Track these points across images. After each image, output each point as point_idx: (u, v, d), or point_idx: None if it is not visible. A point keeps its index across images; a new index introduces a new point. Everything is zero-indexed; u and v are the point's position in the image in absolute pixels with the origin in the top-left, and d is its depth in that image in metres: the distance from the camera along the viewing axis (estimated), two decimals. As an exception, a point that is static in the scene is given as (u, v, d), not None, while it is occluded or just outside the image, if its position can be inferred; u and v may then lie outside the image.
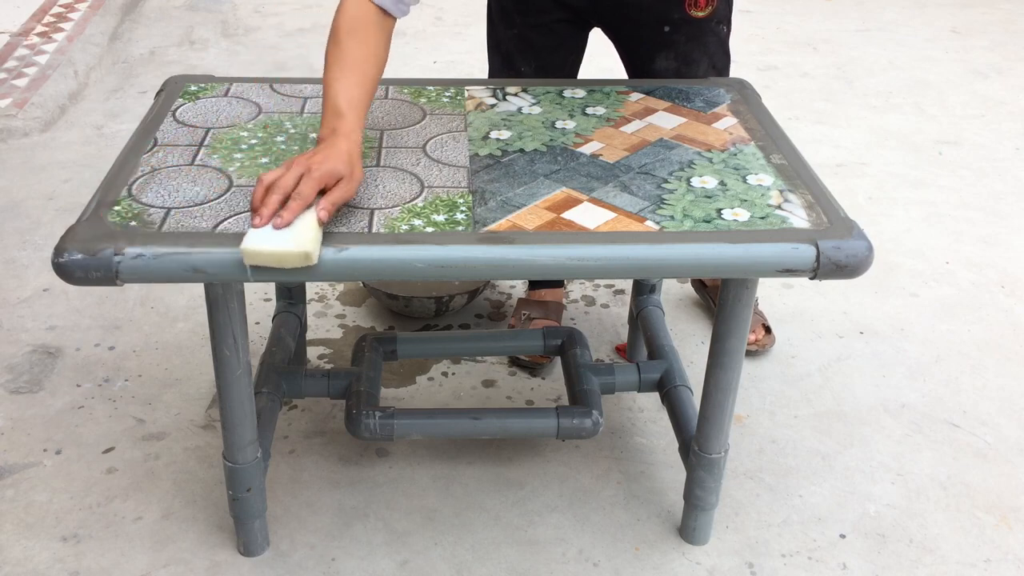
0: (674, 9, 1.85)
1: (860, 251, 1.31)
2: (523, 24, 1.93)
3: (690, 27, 1.86)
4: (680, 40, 1.87)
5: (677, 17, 1.85)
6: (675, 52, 1.88)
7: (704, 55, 1.90)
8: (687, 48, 1.88)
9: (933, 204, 2.88)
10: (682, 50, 1.88)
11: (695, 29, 1.87)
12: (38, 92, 3.31)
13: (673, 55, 1.89)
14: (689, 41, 1.88)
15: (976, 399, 2.08)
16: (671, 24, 1.86)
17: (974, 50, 4.12)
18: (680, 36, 1.87)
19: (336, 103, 1.41)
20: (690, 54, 1.89)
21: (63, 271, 1.24)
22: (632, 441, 1.94)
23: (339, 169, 1.33)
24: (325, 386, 1.76)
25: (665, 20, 1.86)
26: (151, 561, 1.64)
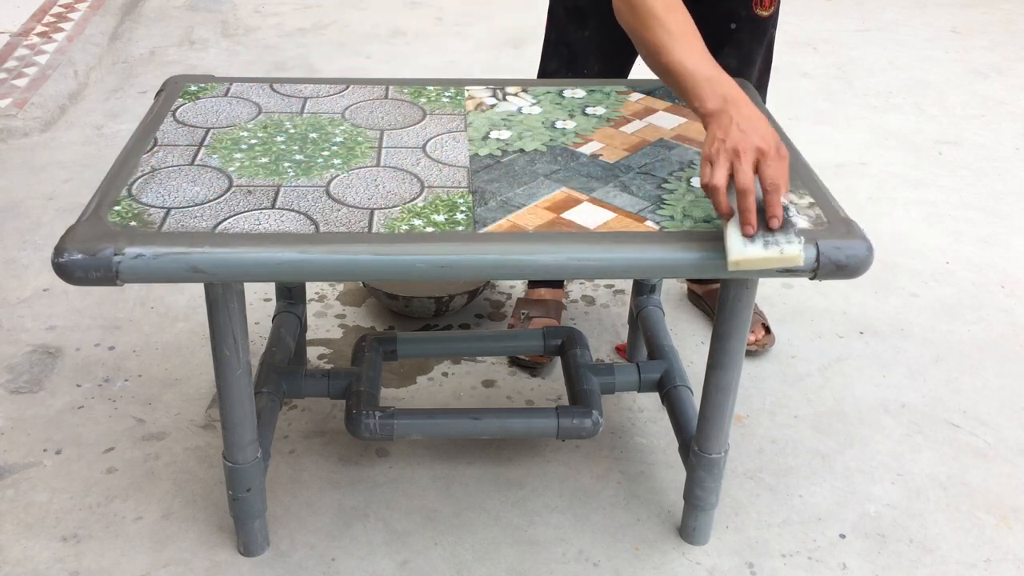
0: (742, 7, 1.88)
1: (860, 251, 1.31)
2: (596, 26, 1.94)
3: (754, 25, 1.90)
4: (745, 38, 1.91)
5: (744, 15, 1.88)
6: (738, 50, 1.92)
7: (759, 55, 1.95)
8: (750, 47, 1.92)
9: (933, 204, 2.88)
10: (745, 49, 1.92)
11: (758, 28, 1.91)
12: (38, 92, 3.31)
13: (736, 53, 1.91)
14: (752, 40, 1.92)
15: (976, 399, 2.08)
16: (738, 21, 1.89)
17: (974, 50, 4.12)
18: (745, 34, 1.90)
19: (703, 72, 1.31)
20: (751, 53, 1.93)
21: (63, 271, 1.24)
22: (632, 441, 1.94)
23: (772, 135, 1.25)
24: (325, 386, 1.76)
25: (732, 17, 1.89)
26: (151, 561, 1.64)
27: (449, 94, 1.75)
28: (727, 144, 1.24)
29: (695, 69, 1.32)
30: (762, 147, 1.23)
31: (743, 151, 1.22)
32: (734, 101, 1.29)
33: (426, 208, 1.38)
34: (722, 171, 1.23)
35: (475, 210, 1.38)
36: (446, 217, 1.36)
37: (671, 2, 1.40)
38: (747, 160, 1.22)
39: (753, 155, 1.23)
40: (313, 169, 1.47)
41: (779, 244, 1.21)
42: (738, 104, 1.29)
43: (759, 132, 1.25)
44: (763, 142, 1.24)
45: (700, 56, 1.35)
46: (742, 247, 1.21)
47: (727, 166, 1.23)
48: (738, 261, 1.21)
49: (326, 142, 1.56)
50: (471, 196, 1.42)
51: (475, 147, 1.56)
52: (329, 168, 1.48)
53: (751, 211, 1.22)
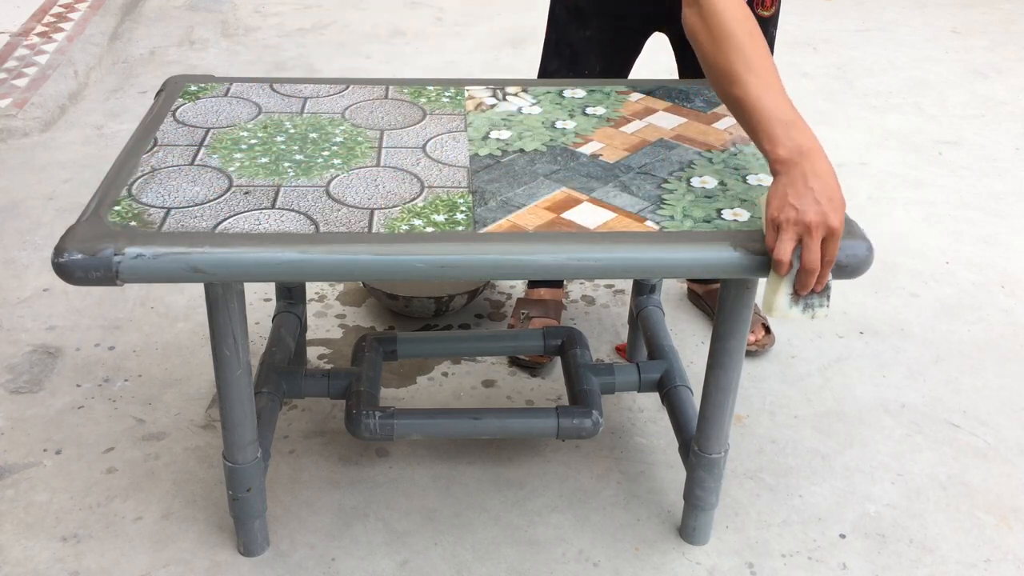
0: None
1: (860, 251, 1.31)
2: (598, 26, 1.94)
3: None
4: None
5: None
6: None
7: None
8: None
9: (933, 204, 2.88)
10: None
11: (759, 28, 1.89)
12: (38, 92, 3.31)
13: None
14: None
15: (976, 399, 2.08)
16: None
17: (974, 50, 4.12)
18: None
19: (782, 116, 1.26)
20: None
21: (63, 271, 1.24)
22: (632, 441, 1.94)
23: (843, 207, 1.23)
24: (325, 386, 1.76)
25: None
26: (151, 561, 1.64)
27: (449, 94, 1.75)
28: (801, 216, 1.22)
29: (772, 110, 1.27)
30: (834, 227, 1.22)
31: (815, 228, 1.22)
32: (809, 154, 1.24)
33: (426, 208, 1.38)
34: (790, 245, 1.24)
35: (475, 210, 1.38)
36: (446, 217, 1.36)
37: (753, 29, 1.32)
38: (818, 238, 1.22)
39: (824, 232, 1.23)
40: (313, 169, 1.48)
41: (814, 308, 1.31)
42: (813, 159, 1.24)
43: (833, 204, 1.22)
44: (837, 220, 1.22)
45: (778, 95, 1.29)
46: (787, 306, 1.31)
47: (796, 239, 1.24)
48: (780, 316, 1.31)
49: (326, 142, 1.56)
50: (471, 196, 1.42)
51: (475, 147, 1.56)
52: (329, 168, 1.48)
53: (811, 284, 1.27)
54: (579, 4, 1.95)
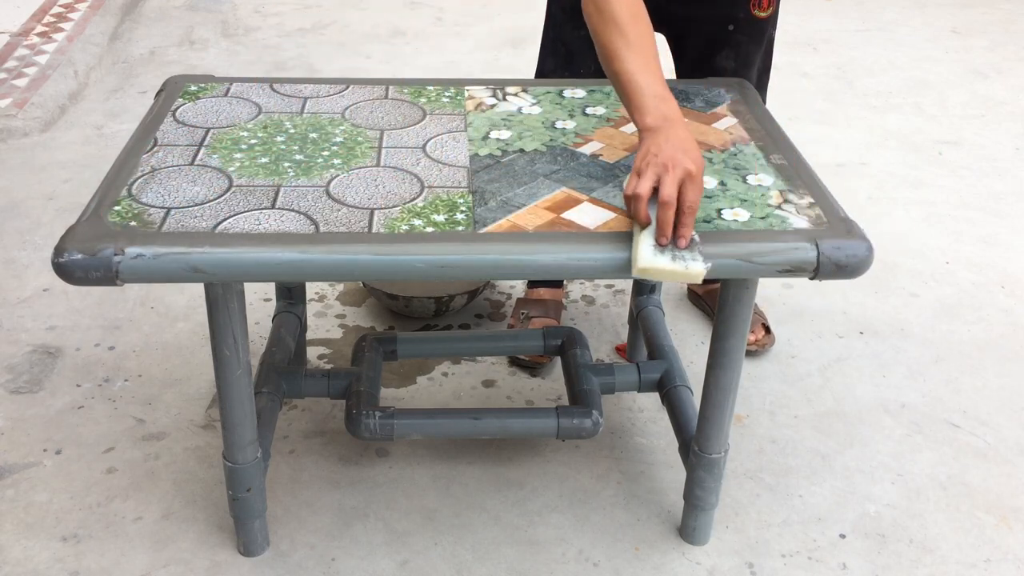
0: (740, 8, 1.88)
1: (860, 251, 1.31)
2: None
3: (752, 27, 1.91)
4: (742, 40, 1.91)
5: (742, 16, 1.89)
6: (736, 51, 1.92)
7: (758, 56, 1.95)
8: (748, 48, 1.93)
9: (933, 204, 2.88)
10: (743, 50, 1.92)
11: (756, 29, 1.91)
12: (38, 92, 3.31)
13: (733, 54, 1.92)
14: (750, 41, 1.92)
15: (976, 399, 2.08)
16: (736, 23, 1.90)
17: (974, 50, 4.12)
18: (743, 36, 1.91)
19: (653, 90, 1.35)
20: (749, 55, 1.93)
21: (63, 271, 1.24)
22: (632, 441, 1.94)
23: (701, 161, 1.29)
24: (325, 386, 1.76)
25: (731, 19, 1.90)
26: (151, 561, 1.64)
27: (449, 94, 1.75)
28: (659, 159, 1.28)
29: (645, 84, 1.36)
30: (691, 169, 1.27)
31: (673, 167, 1.26)
32: (673, 122, 1.33)
33: (426, 208, 1.38)
34: (648, 183, 1.27)
35: (475, 210, 1.38)
36: (446, 217, 1.36)
37: (637, 12, 1.42)
38: (675, 176, 1.26)
39: (681, 173, 1.26)
40: (313, 169, 1.48)
41: (686, 260, 1.26)
42: (675, 126, 1.32)
43: (691, 154, 1.28)
44: (693, 164, 1.27)
45: (652, 73, 1.38)
46: (651, 255, 1.26)
47: (654, 179, 1.27)
48: (646, 268, 1.26)
49: (326, 142, 1.56)
50: (471, 196, 1.42)
51: (475, 147, 1.56)
52: (329, 168, 1.48)
53: (670, 224, 1.26)
54: (575, 4, 1.95)
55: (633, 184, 1.29)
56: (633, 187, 1.28)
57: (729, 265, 1.30)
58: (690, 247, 1.28)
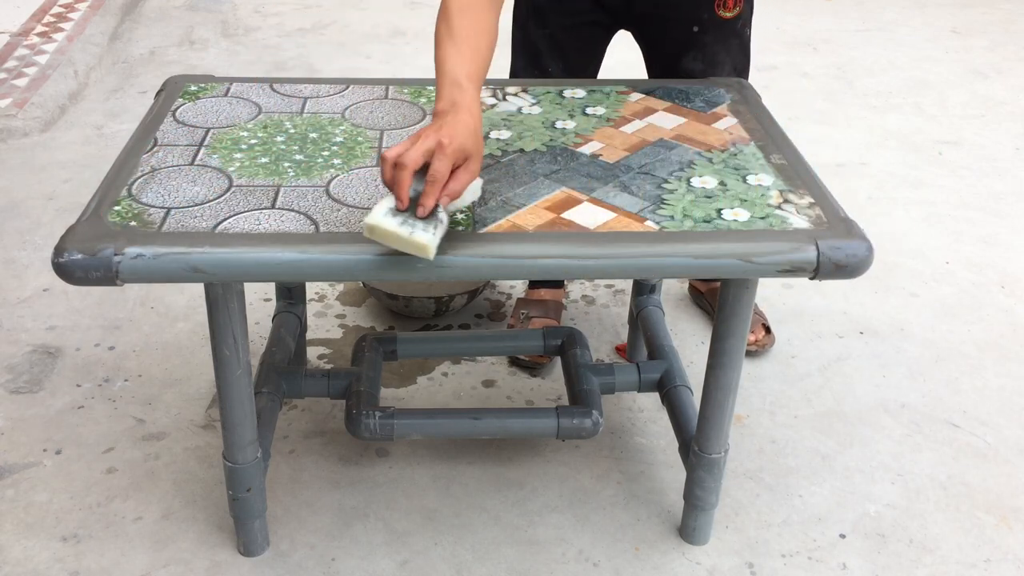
0: (704, 9, 1.87)
1: (860, 251, 1.31)
2: (556, 24, 1.95)
3: (718, 28, 1.89)
4: (708, 41, 1.90)
5: (706, 17, 1.88)
6: (703, 53, 1.91)
7: (728, 56, 1.93)
8: (714, 49, 1.91)
9: (933, 204, 2.88)
10: (709, 51, 1.91)
11: (722, 30, 1.90)
12: (38, 92, 3.31)
13: (700, 56, 1.91)
14: (716, 42, 1.90)
15: (976, 399, 2.08)
16: (700, 24, 1.88)
17: (974, 50, 4.12)
18: (708, 37, 1.89)
19: (455, 76, 1.34)
20: (716, 55, 1.92)
21: (63, 271, 1.24)
22: (632, 441, 1.94)
23: (468, 146, 1.26)
24: (325, 386, 1.76)
25: (695, 20, 1.88)
26: (151, 561, 1.64)
27: (449, 94, 1.74)
28: (424, 132, 1.26)
29: (448, 71, 1.35)
30: (443, 141, 1.23)
31: (424, 136, 1.24)
32: (459, 108, 1.30)
33: (426, 208, 1.38)
34: (399, 148, 1.24)
35: (475, 210, 1.38)
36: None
37: (465, 4, 1.41)
38: (423, 144, 1.23)
39: (431, 143, 1.23)
40: (313, 169, 1.48)
41: (414, 228, 1.22)
42: (460, 112, 1.29)
43: (449, 131, 1.25)
44: (447, 138, 1.24)
45: (462, 63, 1.36)
46: (381, 216, 1.22)
47: (406, 146, 1.25)
48: (372, 227, 1.21)
49: (326, 142, 1.56)
50: (471, 196, 1.42)
51: (475, 147, 1.56)
52: (329, 168, 1.48)
53: (402, 186, 1.22)
54: (537, 3, 1.96)
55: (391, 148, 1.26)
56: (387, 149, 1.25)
57: (729, 265, 1.30)
58: (429, 219, 1.23)
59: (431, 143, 1.24)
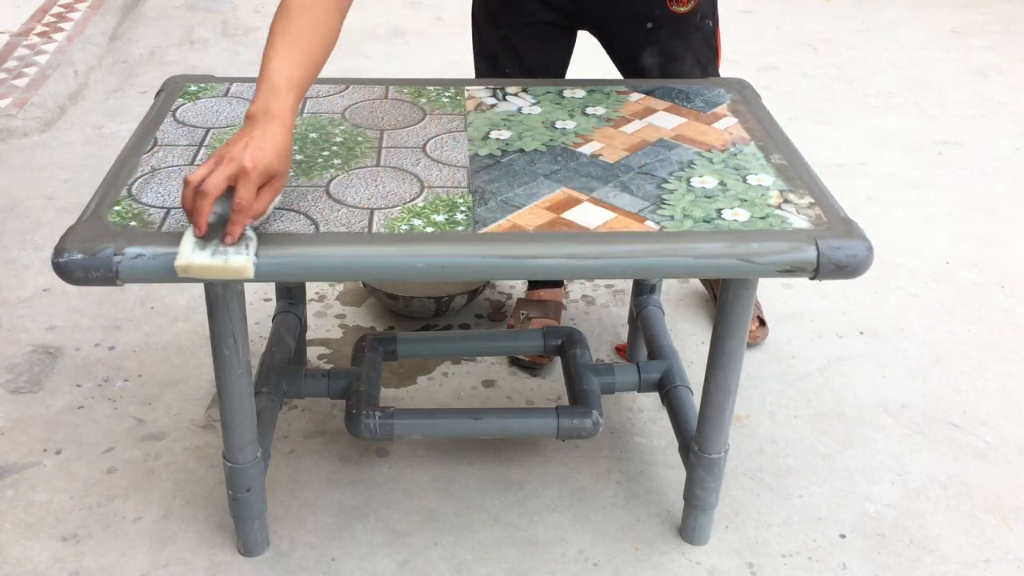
0: (656, 5, 1.85)
1: (860, 251, 1.31)
2: (508, 25, 1.94)
3: (673, 23, 1.87)
4: (663, 36, 1.88)
5: (659, 13, 1.86)
6: (659, 48, 1.89)
7: (688, 51, 1.90)
8: (671, 44, 1.89)
9: (933, 204, 2.88)
10: (666, 46, 1.89)
11: (678, 25, 1.88)
12: (38, 92, 3.31)
13: (657, 51, 1.89)
14: (673, 37, 1.88)
15: (976, 399, 2.08)
16: (653, 20, 1.87)
17: (974, 50, 4.12)
18: (663, 32, 1.88)
19: (273, 79, 1.29)
20: (674, 50, 1.90)
21: (63, 271, 1.24)
22: (632, 441, 1.94)
23: (273, 166, 1.23)
24: (325, 386, 1.76)
25: (648, 16, 1.87)
26: (151, 561, 1.64)
27: (449, 94, 1.75)
28: (222, 150, 1.24)
29: (271, 72, 1.30)
30: (247, 167, 1.21)
31: (228, 160, 1.21)
32: (270, 117, 1.26)
33: (426, 208, 1.38)
34: (202, 171, 1.22)
35: (475, 210, 1.38)
36: (446, 217, 1.36)
37: (310, 3, 1.39)
38: (225, 170, 1.21)
39: (234, 168, 1.21)
40: (313, 169, 1.48)
41: (227, 255, 1.21)
42: (271, 121, 1.26)
43: (256, 153, 1.22)
44: (251, 162, 1.21)
45: (288, 67, 1.32)
46: (191, 252, 1.21)
47: (208, 170, 1.22)
48: (185, 266, 1.21)
49: (326, 142, 1.56)
50: (471, 196, 1.42)
51: (475, 147, 1.56)
52: (329, 168, 1.48)
53: (201, 214, 1.21)
54: (489, 6, 1.96)
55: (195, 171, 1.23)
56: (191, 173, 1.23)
57: (729, 265, 1.30)
58: (239, 243, 1.22)
59: (234, 168, 1.20)
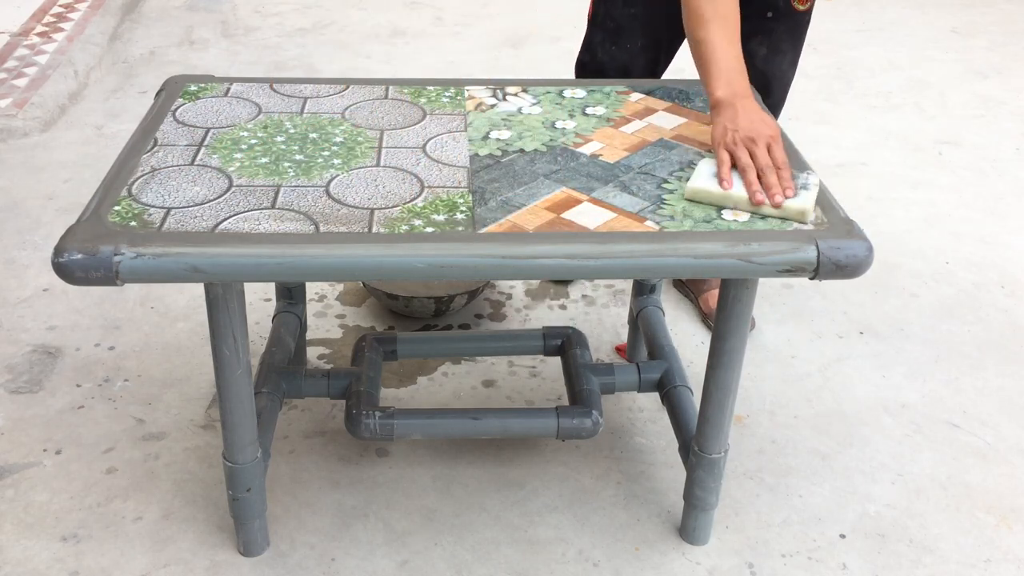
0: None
1: (860, 251, 1.31)
2: (642, 5, 2.02)
3: (789, 18, 1.98)
4: (778, 28, 1.98)
5: (782, 6, 1.95)
6: (770, 39, 1.99)
7: (791, 47, 2.02)
8: (780, 37, 2.00)
9: (933, 204, 2.88)
10: (776, 38, 1.99)
11: (793, 21, 1.99)
12: (38, 92, 3.31)
13: (767, 41, 1.99)
14: (785, 31, 1.99)
15: (976, 399, 2.08)
16: (775, 11, 1.96)
17: (974, 50, 4.12)
18: (779, 25, 1.98)
19: (730, 61, 1.47)
20: (781, 43, 2.00)
21: (63, 271, 1.24)
22: (632, 441, 1.94)
23: (777, 126, 1.45)
24: (325, 386, 1.76)
25: (771, 7, 1.95)
26: (151, 561, 1.64)
27: (449, 94, 1.75)
28: (740, 133, 1.43)
29: (722, 56, 1.47)
30: (775, 134, 1.44)
31: (758, 138, 1.42)
32: (742, 95, 1.47)
33: (426, 208, 1.38)
34: (743, 154, 1.41)
35: (475, 210, 1.38)
36: (446, 217, 1.36)
37: None
38: (762, 145, 1.42)
39: (766, 141, 1.42)
40: (313, 169, 1.48)
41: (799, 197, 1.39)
42: (746, 102, 1.46)
43: (766, 121, 1.45)
44: (772, 130, 1.44)
45: (731, 43, 1.48)
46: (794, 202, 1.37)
47: (746, 152, 1.41)
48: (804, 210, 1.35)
49: (326, 142, 1.56)
50: (471, 196, 1.42)
51: (475, 147, 1.56)
52: (329, 168, 1.48)
53: (775, 186, 1.38)
54: None
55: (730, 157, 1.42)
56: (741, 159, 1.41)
57: (729, 265, 1.30)
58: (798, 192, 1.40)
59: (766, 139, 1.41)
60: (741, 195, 1.38)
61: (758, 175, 1.39)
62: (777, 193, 1.36)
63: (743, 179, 1.40)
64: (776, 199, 1.36)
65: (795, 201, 1.36)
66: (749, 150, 1.41)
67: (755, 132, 1.42)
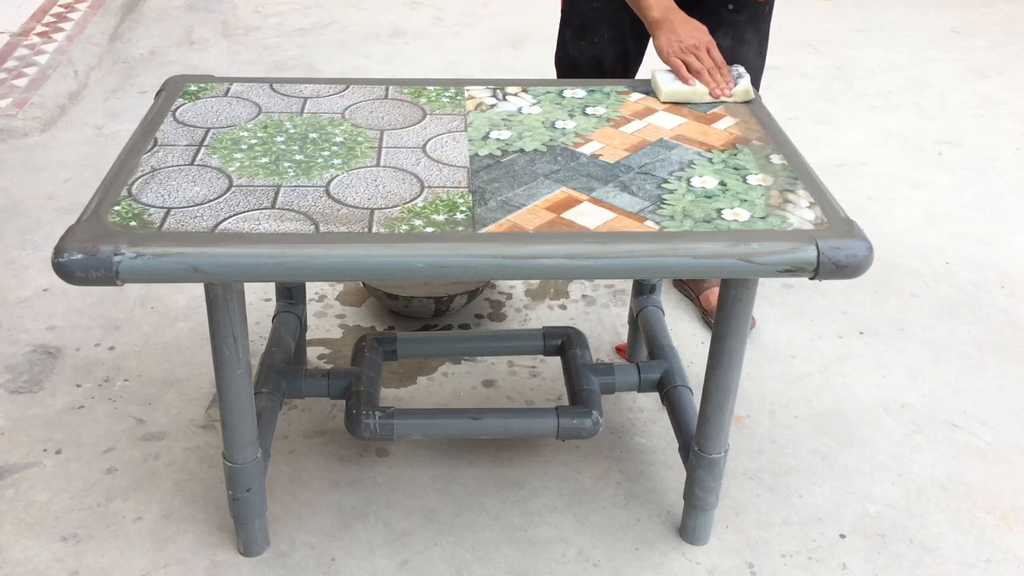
0: None
1: (860, 251, 1.31)
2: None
3: (750, 9, 2.04)
4: (740, 20, 2.04)
5: None
6: (733, 30, 2.04)
7: (755, 37, 2.07)
8: (743, 28, 2.05)
9: (933, 204, 2.88)
10: (740, 29, 2.04)
11: (753, 12, 2.05)
12: (38, 92, 3.31)
13: (731, 33, 2.04)
14: (748, 22, 2.05)
15: (976, 399, 2.08)
16: (735, 3, 2.02)
17: (974, 50, 4.12)
18: (741, 16, 2.03)
19: None
20: (744, 34, 2.05)
21: (63, 271, 1.24)
22: (632, 441, 1.94)
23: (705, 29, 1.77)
24: (325, 386, 1.76)
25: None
26: (151, 561, 1.64)
27: (449, 94, 1.75)
28: (684, 43, 1.74)
29: None
30: (708, 40, 1.75)
31: (699, 44, 1.74)
32: (671, 9, 1.80)
33: (426, 208, 1.38)
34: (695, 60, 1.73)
35: (475, 210, 1.38)
36: (446, 217, 1.36)
37: None
38: (703, 50, 1.74)
39: (705, 47, 1.74)
40: (313, 169, 1.48)
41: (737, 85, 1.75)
42: (674, 11, 1.79)
43: (700, 28, 1.76)
44: (706, 35, 1.76)
45: None
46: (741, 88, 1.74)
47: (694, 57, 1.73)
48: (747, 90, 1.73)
49: (326, 142, 1.56)
50: (471, 196, 1.42)
51: (475, 147, 1.56)
52: (329, 168, 1.48)
53: (719, 82, 1.72)
54: None
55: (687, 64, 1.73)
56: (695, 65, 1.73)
57: (729, 265, 1.31)
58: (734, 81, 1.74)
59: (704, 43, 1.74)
60: (703, 89, 1.72)
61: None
62: (726, 87, 1.71)
63: (699, 79, 1.72)
64: (727, 92, 1.71)
65: (738, 89, 1.72)
66: (696, 55, 1.72)
67: (695, 39, 1.74)
